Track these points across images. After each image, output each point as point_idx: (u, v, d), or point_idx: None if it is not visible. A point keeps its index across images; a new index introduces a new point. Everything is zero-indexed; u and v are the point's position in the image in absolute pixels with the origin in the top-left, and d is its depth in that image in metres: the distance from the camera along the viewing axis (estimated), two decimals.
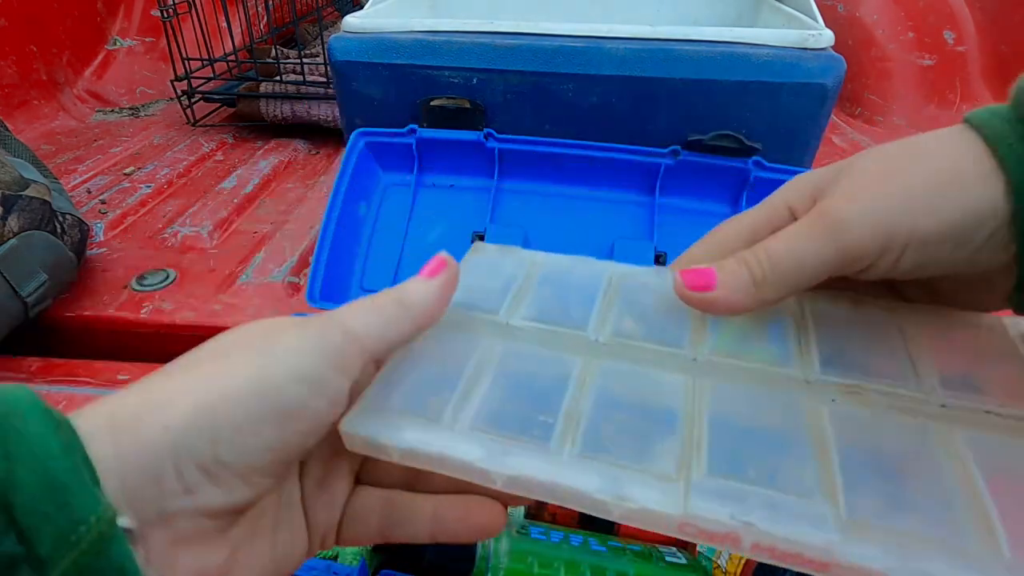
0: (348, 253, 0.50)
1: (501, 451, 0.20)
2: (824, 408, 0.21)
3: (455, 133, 0.51)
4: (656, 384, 0.23)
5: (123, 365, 0.53)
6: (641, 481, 0.19)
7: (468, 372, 0.23)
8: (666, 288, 0.26)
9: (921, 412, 0.21)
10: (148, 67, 1.27)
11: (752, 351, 0.24)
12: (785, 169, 0.47)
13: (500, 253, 0.31)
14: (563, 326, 0.26)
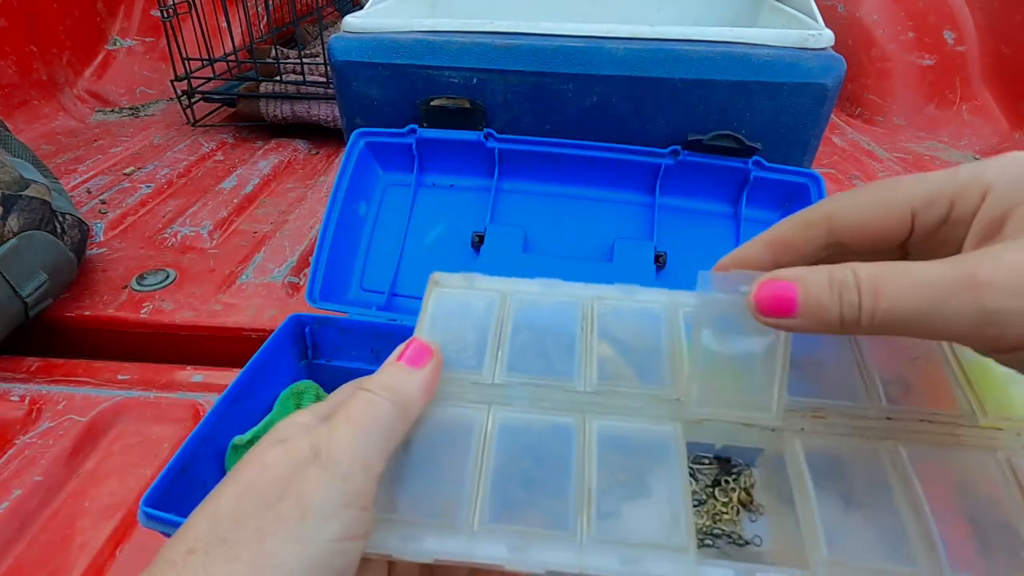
0: (348, 253, 0.50)
1: (522, 546, 0.21)
2: (797, 440, 0.24)
3: (455, 133, 0.51)
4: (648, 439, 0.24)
5: (123, 365, 0.53)
6: (656, 556, 0.21)
7: (471, 461, 0.23)
8: (637, 308, 0.29)
9: (873, 430, 0.24)
10: (148, 67, 1.27)
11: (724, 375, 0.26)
12: (785, 169, 0.47)
13: (464, 284, 0.30)
14: (549, 378, 0.26)
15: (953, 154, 1.09)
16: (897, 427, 0.24)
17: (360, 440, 0.20)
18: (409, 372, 0.23)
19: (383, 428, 0.21)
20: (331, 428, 0.21)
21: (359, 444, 0.20)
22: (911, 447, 0.23)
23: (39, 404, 0.48)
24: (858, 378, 0.25)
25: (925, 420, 0.24)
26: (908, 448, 0.23)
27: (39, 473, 0.43)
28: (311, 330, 0.45)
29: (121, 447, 0.46)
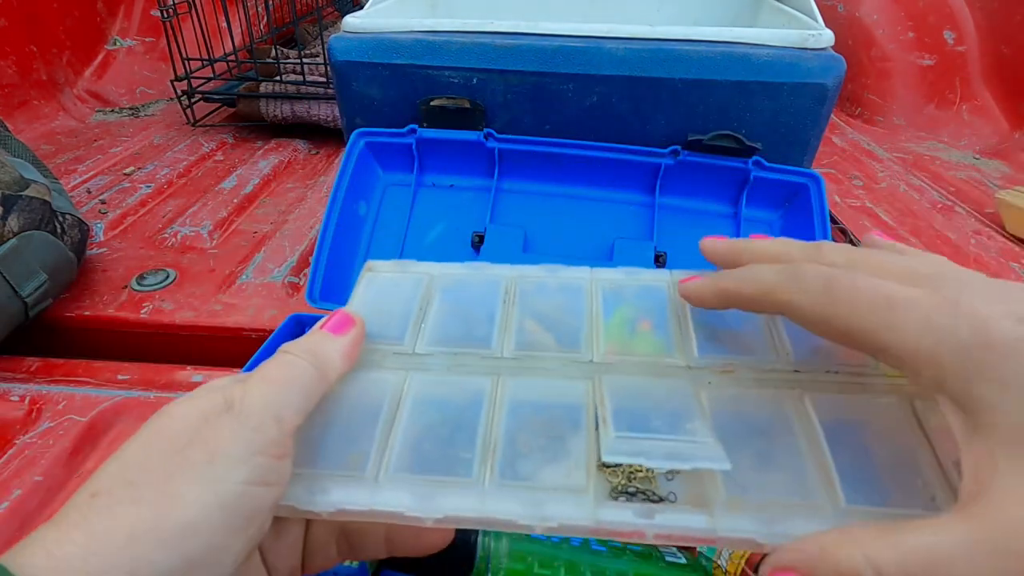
0: (348, 253, 0.50)
1: (427, 494, 0.22)
2: (703, 391, 0.25)
3: (455, 133, 0.51)
4: (560, 395, 0.25)
5: (123, 365, 0.53)
6: (557, 499, 0.21)
7: (382, 418, 0.24)
8: (559, 283, 0.30)
9: (780, 381, 0.25)
10: (148, 67, 1.27)
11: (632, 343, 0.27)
12: (785, 169, 0.47)
13: (396, 269, 0.32)
14: (469, 347, 0.27)
15: (953, 154, 1.09)
16: (804, 378, 0.25)
17: (274, 395, 0.21)
18: (331, 338, 0.24)
19: (300, 387, 0.21)
20: (246, 384, 0.21)
21: (273, 398, 0.21)
22: (815, 395, 0.24)
23: (39, 404, 0.48)
24: (768, 341, 0.27)
25: (831, 371, 0.25)
26: (812, 395, 0.24)
27: (39, 473, 0.43)
28: (310, 330, 0.45)
29: None
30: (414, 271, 0.32)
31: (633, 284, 0.30)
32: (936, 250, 0.74)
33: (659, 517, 0.21)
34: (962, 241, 0.77)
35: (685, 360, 0.26)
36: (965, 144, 1.14)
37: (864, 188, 0.93)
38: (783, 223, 0.49)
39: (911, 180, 0.96)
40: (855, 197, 0.89)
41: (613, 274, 0.31)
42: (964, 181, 0.97)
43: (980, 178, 0.99)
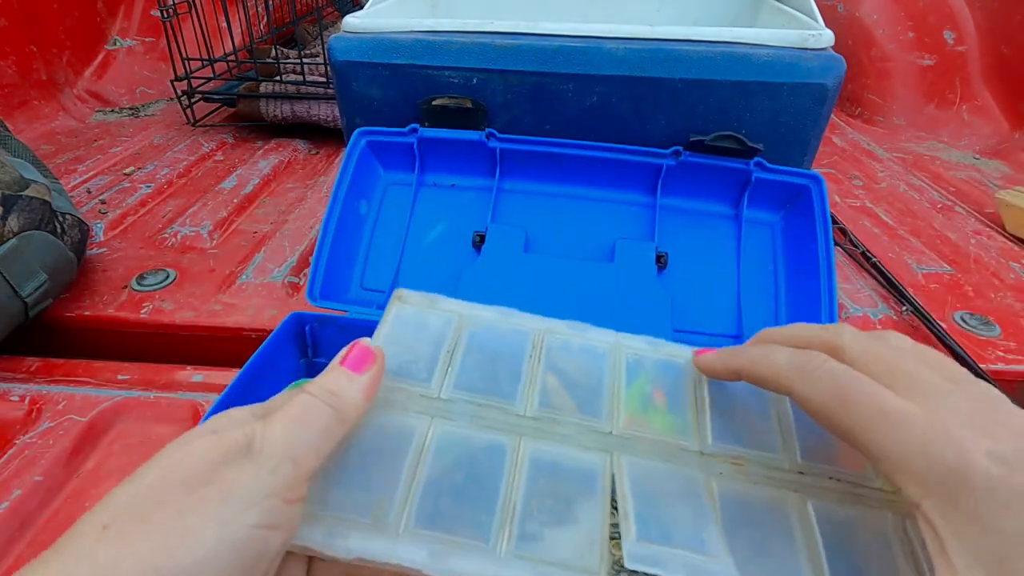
0: (349, 252, 0.50)
1: (443, 553, 0.22)
2: (715, 482, 0.26)
3: (457, 133, 0.51)
4: (578, 466, 0.26)
5: (123, 365, 0.53)
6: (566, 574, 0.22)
7: (406, 466, 0.25)
8: (584, 344, 0.31)
9: (785, 482, 0.26)
10: (148, 67, 1.27)
11: (648, 417, 0.28)
12: (787, 170, 0.47)
13: (426, 302, 0.32)
14: (493, 399, 0.28)
15: (953, 154, 1.09)
16: (807, 482, 0.26)
17: (293, 437, 0.21)
18: (350, 377, 0.23)
19: (319, 428, 0.21)
20: (267, 424, 0.21)
21: (292, 440, 0.21)
22: (817, 502, 0.26)
23: (39, 404, 0.48)
24: (778, 433, 0.28)
25: (833, 478, 0.26)
26: (815, 502, 0.26)
27: (39, 473, 0.43)
28: (311, 328, 0.45)
29: (121, 447, 0.46)
30: (444, 308, 0.32)
31: (653, 355, 0.31)
32: (936, 250, 0.74)
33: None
34: (962, 241, 0.77)
35: (699, 446, 0.27)
36: (965, 144, 1.14)
37: (864, 188, 0.93)
38: (784, 224, 0.49)
39: (911, 180, 0.96)
40: (855, 197, 0.89)
41: (637, 342, 0.32)
42: (964, 181, 0.97)
43: (980, 178, 0.99)
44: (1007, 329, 0.60)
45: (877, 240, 0.76)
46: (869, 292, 0.66)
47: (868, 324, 0.60)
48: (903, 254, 0.73)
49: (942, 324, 0.58)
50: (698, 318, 0.47)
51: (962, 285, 0.67)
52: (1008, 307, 0.64)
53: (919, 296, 0.63)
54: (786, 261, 0.48)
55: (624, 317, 0.45)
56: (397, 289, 0.33)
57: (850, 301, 0.64)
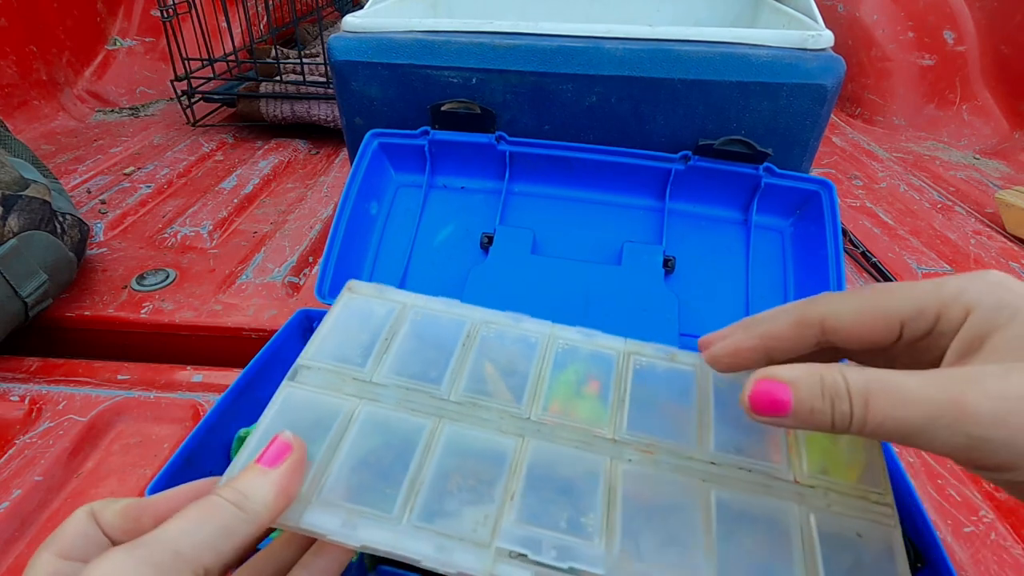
0: (358, 251, 0.50)
1: (352, 522, 0.24)
2: (621, 467, 0.27)
3: (467, 135, 0.51)
4: (489, 449, 0.27)
5: (123, 365, 0.53)
6: (462, 549, 0.24)
7: (326, 445, 0.26)
8: (518, 335, 0.33)
9: (694, 471, 0.27)
10: (148, 67, 1.27)
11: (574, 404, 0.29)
12: (796, 176, 0.47)
13: (375, 293, 0.34)
14: (421, 383, 0.30)
15: (953, 154, 1.09)
16: (717, 472, 0.27)
17: (181, 524, 0.20)
18: (263, 473, 0.23)
19: (213, 524, 0.21)
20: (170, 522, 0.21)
21: (177, 524, 0.20)
22: (723, 490, 0.26)
23: (39, 404, 0.48)
24: (697, 427, 0.29)
25: (745, 468, 0.27)
26: (720, 490, 0.26)
27: (39, 473, 0.43)
28: (318, 325, 0.45)
29: (121, 447, 0.46)
30: (390, 298, 0.34)
31: (588, 346, 0.33)
32: (936, 250, 0.74)
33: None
34: (962, 241, 0.77)
35: (613, 433, 0.28)
36: (965, 144, 1.14)
37: (864, 188, 0.93)
38: (794, 231, 0.49)
39: (911, 180, 0.96)
40: (855, 197, 0.89)
41: (571, 333, 0.33)
42: (964, 181, 0.97)
43: (980, 178, 0.99)
44: None
45: (877, 240, 0.76)
46: None
47: None
48: (903, 254, 0.73)
49: None
50: (705, 323, 0.47)
51: None
52: None
53: None
54: (796, 267, 0.48)
55: (631, 320, 0.45)
56: (349, 280, 0.34)
57: None
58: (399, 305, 0.34)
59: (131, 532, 0.22)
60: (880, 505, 0.26)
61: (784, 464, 0.27)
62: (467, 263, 0.50)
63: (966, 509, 0.43)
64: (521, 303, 0.47)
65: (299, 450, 0.24)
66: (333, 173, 0.91)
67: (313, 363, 0.30)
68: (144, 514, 0.22)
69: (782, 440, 0.28)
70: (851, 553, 0.24)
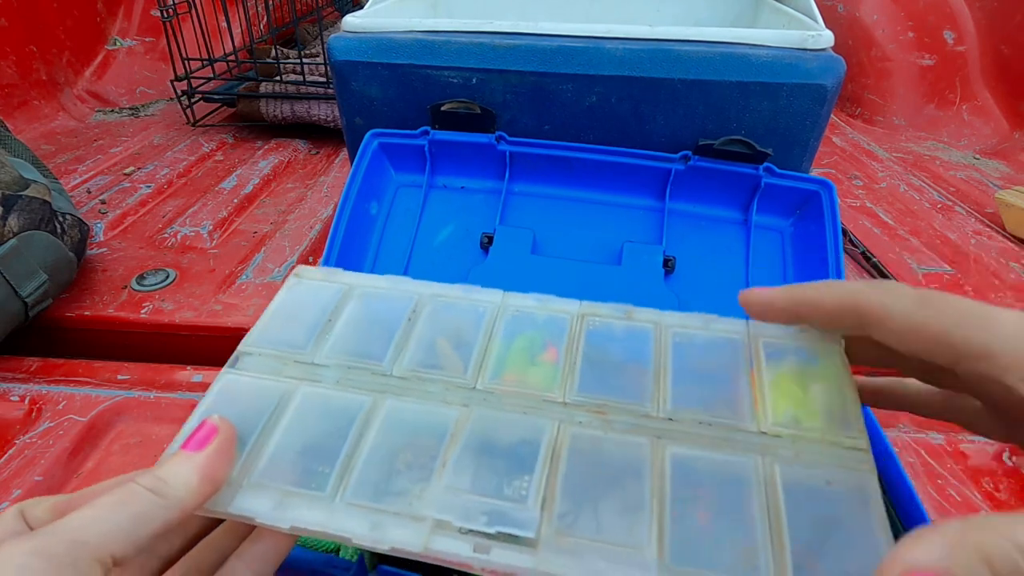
0: (358, 251, 0.50)
1: (283, 503, 0.23)
2: (569, 430, 0.25)
3: (467, 135, 0.51)
4: (432, 421, 0.26)
5: (123, 365, 0.53)
6: (397, 523, 0.23)
7: (259, 428, 0.26)
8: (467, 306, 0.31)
9: (649, 428, 0.25)
10: (148, 67, 1.27)
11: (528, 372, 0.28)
12: (797, 176, 0.47)
13: (322, 277, 0.33)
14: (362, 360, 0.29)
15: (953, 154, 1.09)
16: (675, 428, 0.25)
17: (89, 514, 0.20)
18: (184, 459, 0.23)
19: (127, 510, 0.20)
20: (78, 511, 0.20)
21: (85, 514, 0.20)
22: (679, 446, 0.24)
23: (39, 404, 0.48)
24: (653, 387, 0.27)
25: (704, 423, 0.25)
26: (675, 446, 0.24)
27: (39, 473, 0.43)
28: None
29: (121, 447, 0.46)
30: (337, 280, 0.33)
31: (543, 312, 0.31)
32: (936, 250, 0.74)
33: (491, 553, 0.22)
34: (962, 241, 0.77)
35: (563, 396, 0.27)
36: (965, 144, 1.14)
37: (864, 188, 0.93)
38: (794, 231, 0.49)
39: (911, 180, 0.96)
40: (855, 197, 0.89)
41: (524, 300, 0.32)
42: (964, 181, 0.97)
43: (980, 178, 0.99)
44: None
45: (877, 240, 0.76)
46: None
47: None
48: (903, 254, 0.73)
49: None
50: None
51: (962, 285, 0.67)
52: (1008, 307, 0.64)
53: None
54: (796, 267, 0.48)
55: None
56: (297, 267, 0.34)
57: None
58: (345, 286, 0.32)
59: None
60: (853, 450, 0.24)
61: (748, 415, 0.25)
62: (467, 263, 0.50)
63: (966, 509, 0.43)
64: None
65: (225, 432, 0.24)
66: (333, 173, 0.91)
67: (254, 349, 0.30)
68: (71, 508, 0.22)
69: (746, 390, 0.26)
70: (819, 504, 0.22)
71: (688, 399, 0.26)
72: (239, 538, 0.25)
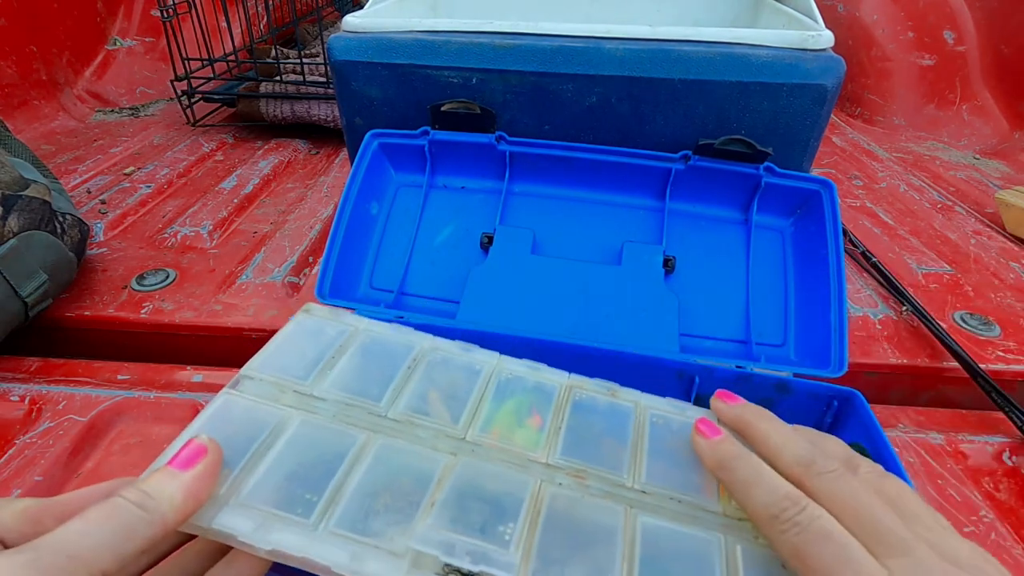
0: (358, 251, 0.50)
1: (266, 525, 0.23)
2: (549, 489, 0.27)
3: (467, 136, 0.51)
4: (421, 463, 0.27)
5: (123, 365, 0.53)
6: (375, 557, 0.23)
7: (252, 451, 0.26)
8: (464, 363, 0.33)
9: (623, 498, 0.27)
10: (148, 67, 1.27)
11: (515, 433, 0.29)
12: (797, 175, 0.47)
13: (329, 316, 0.35)
14: (359, 399, 0.30)
15: (953, 154, 1.09)
16: (647, 500, 0.27)
17: (78, 526, 0.20)
18: (173, 475, 0.23)
19: (113, 525, 0.20)
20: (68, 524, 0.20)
21: (75, 526, 0.20)
22: (649, 517, 0.26)
23: (39, 404, 0.48)
24: (631, 459, 0.29)
25: (675, 499, 0.27)
26: (646, 517, 0.26)
27: (39, 473, 0.43)
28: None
29: (121, 447, 0.46)
30: (343, 321, 0.35)
31: (533, 378, 0.33)
32: (936, 250, 0.74)
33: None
34: (962, 241, 0.77)
35: (546, 457, 0.28)
36: (965, 144, 1.14)
37: (864, 188, 0.93)
38: (794, 230, 0.49)
39: (911, 180, 0.96)
40: (855, 197, 0.89)
41: (515, 365, 0.34)
42: (964, 181, 0.97)
43: (980, 178, 0.99)
44: (1007, 329, 0.60)
45: (877, 240, 0.76)
46: (869, 292, 0.66)
47: (868, 324, 0.60)
48: (903, 254, 0.73)
49: (942, 324, 0.58)
50: (706, 322, 0.47)
51: (962, 285, 0.67)
52: (1008, 307, 0.64)
53: (919, 296, 0.63)
54: (796, 267, 0.48)
55: (631, 320, 0.45)
56: (308, 304, 0.35)
57: (850, 301, 0.64)
58: (351, 328, 0.34)
59: (29, 535, 0.21)
60: None
61: (715, 498, 0.27)
62: (467, 263, 0.50)
63: (966, 509, 0.43)
64: (521, 303, 0.47)
65: (214, 454, 0.24)
66: (333, 173, 0.91)
67: (256, 374, 0.30)
68: (46, 515, 0.22)
69: (712, 476, 0.28)
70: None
71: (661, 477, 0.28)
72: (207, 559, 0.25)
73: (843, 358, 0.41)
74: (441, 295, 0.49)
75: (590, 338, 0.36)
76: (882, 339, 0.58)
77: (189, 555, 0.25)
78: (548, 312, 0.46)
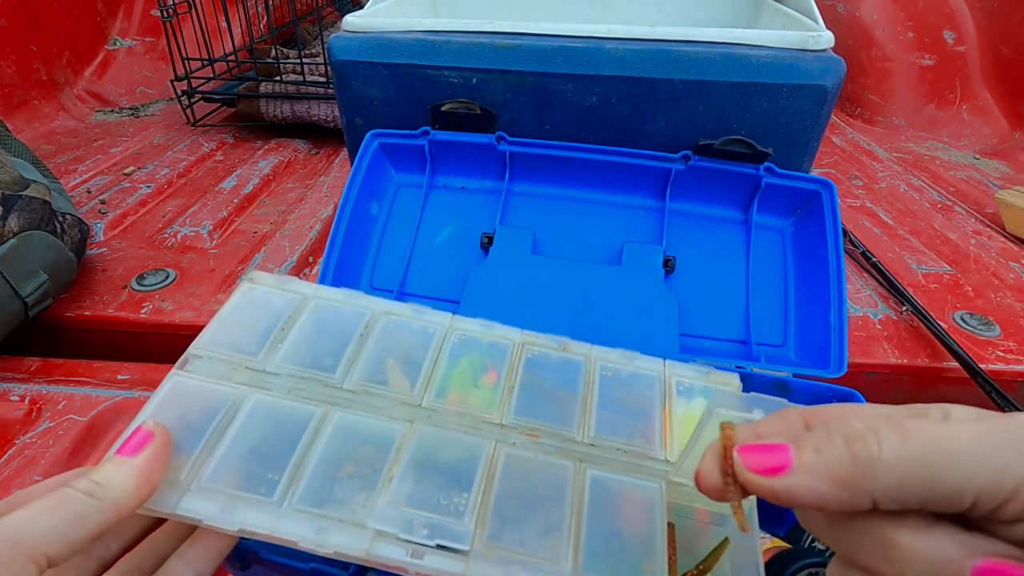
0: (359, 251, 0.50)
1: (230, 507, 0.24)
2: (504, 450, 0.28)
3: (467, 136, 0.51)
4: (378, 434, 0.27)
5: (123, 365, 0.53)
6: (340, 530, 0.24)
7: (209, 431, 0.26)
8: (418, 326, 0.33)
9: (573, 452, 0.28)
10: (148, 67, 1.27)
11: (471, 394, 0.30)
12: (796, 176, 0.47)
13: (276, 284, 0.34)
14: (314, 372, 0.30)
15: (953, 154, 1.09)
16: (596, 453, 0.29)
17: (27, 513, 0.20)
18: (122, 463, 0.23)
19: (63, 512, 0.21)
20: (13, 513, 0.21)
21: (22, 514, 0.20)
22: (597, 469, 0.28)
23: (39, 404, 0.48)
24: (580, 413, 0.30)
25: (621, 449, 0.29)
26: (595, 469, 0.28)
27: (39, 473, 0.43)
28: None
29: None
30: (291, 289, 0.34)
31: (487, 337, 0.33)
32: (936, 250, 0.74)
33: (425, 559, 0.24)
34: (962, 241, 0.77)
35: (500, 417, 0.29)
36: (965, 144, 1.14)
37: (864, 188, 0.93)
38: (794, 230, 0.49)
39: (911, 180, 0.96)
40: (855, 197, 0.89)
41: (470, 324, 0.34)
42: (964, 181, 0.97)
43: (980, 178, 0.99)
44: (1007, 329, 0.60)
45: (877, 240, 0.76)
46: (869, 292, 0.66)
47: (868, 324, 0.60)
48: (903, 254, 0.73)
49: (942, 324, 0.58)
50: (706, 322, 0.47)
51: (962, 285, 0.67)
52: (1008, 307, 0.64)
53: (919, 296, 0.63)
54: (796, 267, 0.48)
55: (631, 320, 0.45)
56: (252, 271, 0.34)
57: (850, 301, 0.64)
58: (299, 296, 0.33)
59: None
60: None
61: (657, 446, 0.29)
62: (467, 263, 0.50)
63: None
64: (521, 303, 0.47)
65: (161, 438, 0.24)
66: (333, 173, 0.91)
67: (205, 352, 0.30)
68: (4, 512, 0.22)
69: (657, 424, 0.30)
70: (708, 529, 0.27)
71: (609, 427, 0.30)
72: (179, 539, 0.26)
73: (843, 358, 0.41)
74: (441, 295, 0.49)
75: (590, 338, 0.36)
76: (882, 339, 0.58)
77: (161, 536, 0.26)
78: (548, 312, 0.46)
